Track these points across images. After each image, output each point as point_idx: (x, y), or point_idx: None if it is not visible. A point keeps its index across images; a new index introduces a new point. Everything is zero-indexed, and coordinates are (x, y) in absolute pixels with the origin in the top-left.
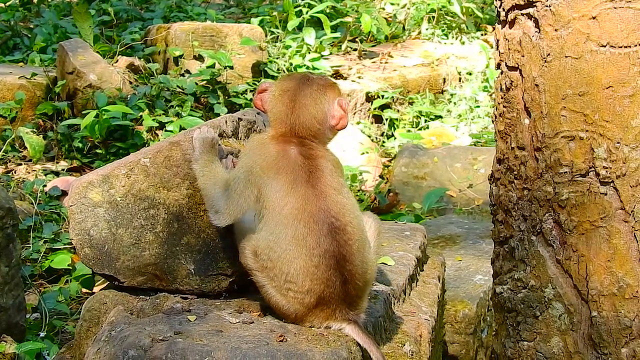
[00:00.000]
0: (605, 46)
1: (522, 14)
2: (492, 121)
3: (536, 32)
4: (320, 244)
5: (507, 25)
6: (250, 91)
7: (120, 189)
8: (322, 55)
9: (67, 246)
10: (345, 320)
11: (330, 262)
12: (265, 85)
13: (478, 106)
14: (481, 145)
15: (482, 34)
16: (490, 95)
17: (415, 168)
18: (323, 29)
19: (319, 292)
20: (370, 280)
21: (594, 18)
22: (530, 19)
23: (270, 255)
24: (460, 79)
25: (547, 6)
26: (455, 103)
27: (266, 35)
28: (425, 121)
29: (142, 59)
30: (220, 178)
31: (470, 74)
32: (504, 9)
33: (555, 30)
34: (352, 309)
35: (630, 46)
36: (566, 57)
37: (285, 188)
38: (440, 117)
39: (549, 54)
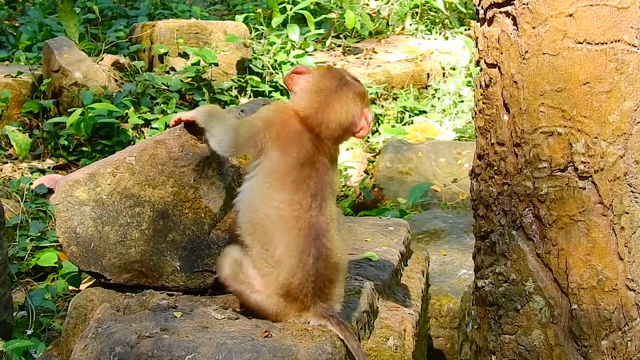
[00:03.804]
0: (582, 43)
1: (501, 12)
2: (472, 117)
3: (514, 29)
4: (307, 214)
5: (485, 23)
6: (235, 88)
7: (106, 187)
8: (306, 52)
9: (53, 244)
10: (323, 316)
11: (311, 233)
12: (302, 69)
13: (462, 101)
14: (465, 140)
15: (465, 29)
16: (473, 90)
17: (399, 163)
18: (307, 25)
19: (291, 268)
20: (340, 264)
21: (570, 15)
22: (508, 17)
23: (253, 217)
24: (444, 74)
25: (524, 4)
26: (439, 98)
27: (250, 32)
28: (410, 116)
29: (127, 57)
30: (228, 117)
31: (453, 69)
32: (482, 7)
33: (533, 27)
34: (323, 296)
35: (606, 43)
36: (544, 54)
37: (291, 160)
38: (425, 112)
39: (527, 51)
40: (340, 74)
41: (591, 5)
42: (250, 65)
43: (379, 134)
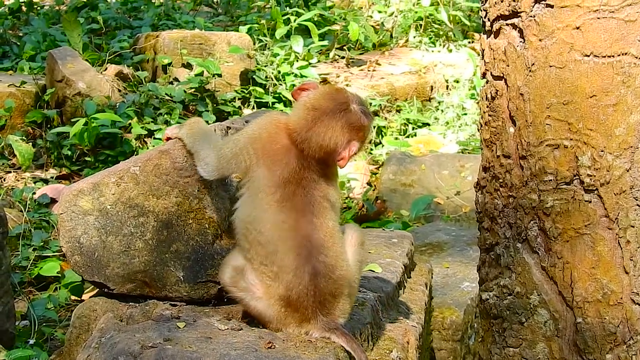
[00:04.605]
0: (589, 56)
1: (507, 24)
2: (478, 129)
3: (521, 42)
4: (298, 231)
5: (492, 35)
6: (239, 99)
7: (110, 197)
8: (310, 63)
9: (56, 254)
10: (326, 329)
11: (302, 251)
12: (309, 85)
13: (465, 113)
14: (468, 153)
15: (469, 42)
16: (477, 102)
17: (402, 175)
18: (311, 37)
19: (288, 283)
20: (346, 278)
21: (577, 28)
22: (515, 29)
23: (247, 235)
24: (447, 86)
25: (531, 16)
26: (442, 110)
27: (254, 43)
28: (413, 128)
29: (130, 67)
30: (212, 137)
31: (457, 81)
32: (489, 19)
33: (540, 40)
34: (325, 310)
35: (613, 56)
36: (550, 66)
37: (276, 178)
38: (428, 124)
39: (533, 64)
40: (345, 99)
41: (598, 18)
42: (254, 76)
43: (382, 146)
